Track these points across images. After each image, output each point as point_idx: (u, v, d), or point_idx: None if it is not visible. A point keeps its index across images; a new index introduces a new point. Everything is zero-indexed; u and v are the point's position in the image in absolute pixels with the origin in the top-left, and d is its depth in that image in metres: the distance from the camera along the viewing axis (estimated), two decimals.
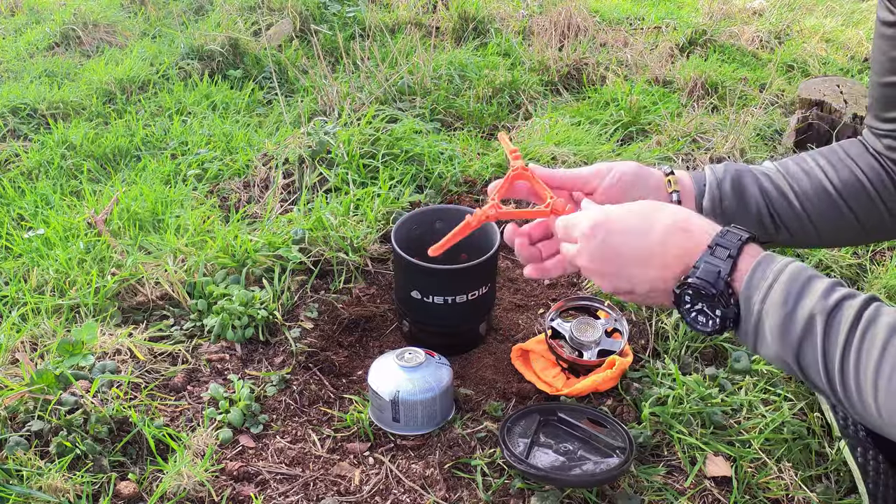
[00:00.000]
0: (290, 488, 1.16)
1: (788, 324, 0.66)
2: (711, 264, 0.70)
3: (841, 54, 3.30)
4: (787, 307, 0.66)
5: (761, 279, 0.68)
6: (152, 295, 1.51)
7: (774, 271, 0.68)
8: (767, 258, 0.70)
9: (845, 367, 0.64)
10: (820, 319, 0.65)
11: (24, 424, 1.16)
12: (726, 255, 0.69)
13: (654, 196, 0.93)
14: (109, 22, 3.33)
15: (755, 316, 0.68)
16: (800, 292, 0.67)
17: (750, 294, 0.69)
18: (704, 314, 0.72)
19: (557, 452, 1.16)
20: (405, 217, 1.44)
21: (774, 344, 0.68)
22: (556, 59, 2.82)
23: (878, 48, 0.92)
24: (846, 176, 0.96)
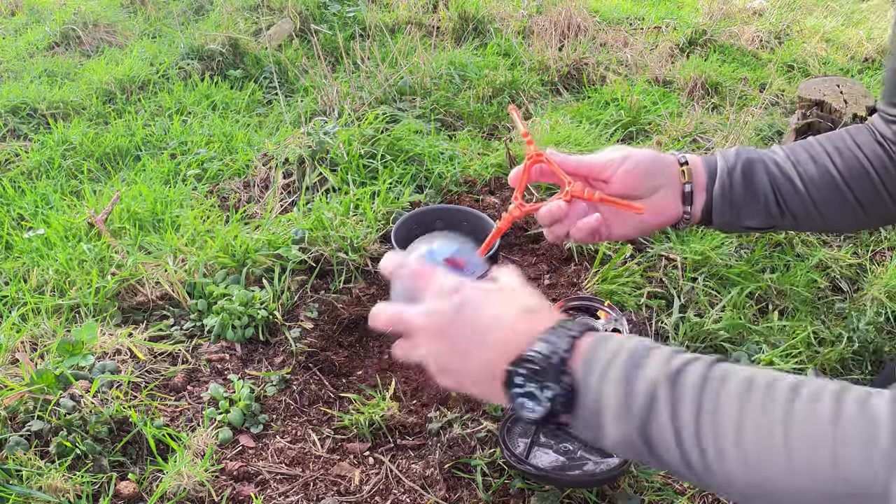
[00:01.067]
0: (290, 488, 1.16)
1: (630, 398, 0.61)
2: (550, 341, 0.65)
3: (841, 54, 3.30)
4: (627, 380, 0.61)
5: (600, 357, 0.64)
6: (152, 295, 1.51)
7: (613, 348, 0.64)
8: (606, 336, 0.66)
9: (701, 432, 0.58)
10: (663, 388, 0.60)
11: (24, 424, 1.16)
12: (567, 334, 0.65)
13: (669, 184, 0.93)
14: (109, 22, 3.33)
15: (594, 397, 0.63)
16: (638, 363, 0.62)
17: (588, 375, 0.63)
18: (534, 398, 0.66)
19: (557, 452, 1.16)
20: (405, 217, 1.44)
21: (617, 423, 0.62)
22: (556, 59, 2.82)
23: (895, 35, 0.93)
24: (852, 163, 0.97)
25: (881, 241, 1.92)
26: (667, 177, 0.93)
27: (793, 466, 0.54)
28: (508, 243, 1.79)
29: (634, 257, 1.71)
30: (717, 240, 1.77)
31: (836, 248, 1.88)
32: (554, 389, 0.64)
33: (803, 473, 0.54)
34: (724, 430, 0.57)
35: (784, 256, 1.80)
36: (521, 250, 1.78)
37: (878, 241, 1.92)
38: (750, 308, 1.59)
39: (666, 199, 0.94)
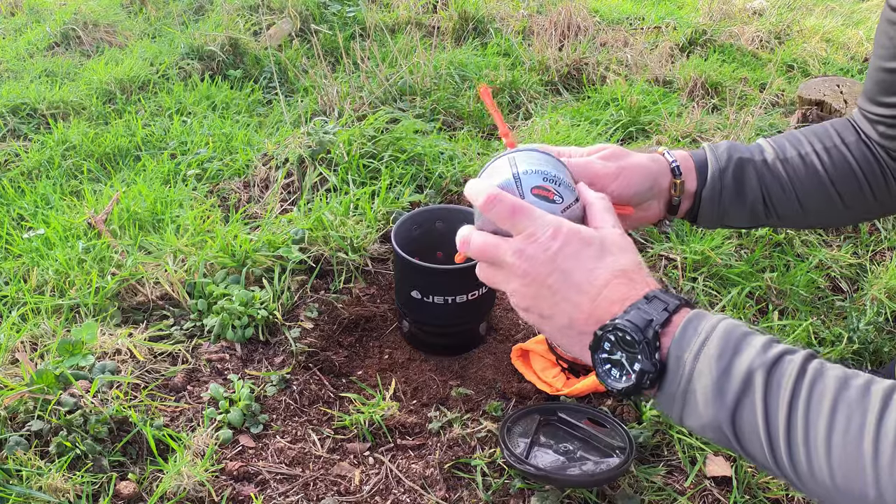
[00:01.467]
0: (290, 488, 1.16)
1: (724, 381, 0.59)
2: (644, 311, 0.62)
3: (841, 54, 3.30)
4: (722, 363, 0.59)
5: (693, 335, 0.61)
6: (152, 295, 1.51)
7: (707, 328, 0.62)
8: (699, 314, 0.64)
9: (792, 425, 0.56)
10: (760, 374, 0.58)
11: (24, 424, 1.16)
12: (662, 307, 0.63)
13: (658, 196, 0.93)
14: (109, 22, 3.33)
15: (686, 375, 0.61)
16: (736, 347, 0.60)
17: (681, 352, 0.61)
18: (620, 367, 0.64)
19: (557, 452, 1.16)
20: (405, 217, 1.44)
21: (707, 406, 0.60)
22: (556, 59, 2.82)
23: (883, 32, 0.92)
24: (838, 160, 0.97)
25: (881, 241, 1.92)
26: (658, 188, 0.92)
27: (880, 477, 0.53)
28: None
29: None
30: (717, 240, 1.77)
31: (836, 248, 1.88)
32: (644, 364, 0.62)
33: (887, 481, 0.52)
34: (815, 426, 0.56)
35: (784, 256, 1.80)
36: None
37: (878, 241, 1.92)
38: (750, 308, 1.59)
39: (651, 208, 0.94)
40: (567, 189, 0.74)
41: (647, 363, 0.62)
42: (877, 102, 0.95)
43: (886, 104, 0.93)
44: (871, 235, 1.94)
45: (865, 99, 0.98)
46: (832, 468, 0.55)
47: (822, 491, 0.56)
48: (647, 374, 0.62)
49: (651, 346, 0.62)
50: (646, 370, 0.62)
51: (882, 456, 0.53)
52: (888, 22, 0.91)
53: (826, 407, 0.56)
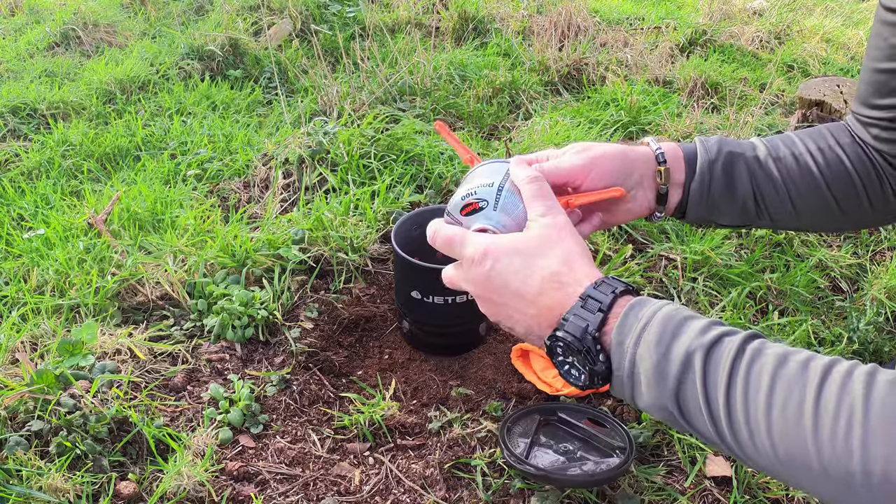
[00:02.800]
0: (290, 488, 1.16)
1: (664, 365, 0.61)
2: (580, 317, 0.65)
3: (841, 54, 3.30)
4: (661, 347, 0.61)
5: (634, 322, 0.63)
6: (152, 295, 1.51)
7: (647, 314, 0.64)
8: (640, 302, 0.65)
9: (731, 402, 0.58)
10: (699, 355, 0.60)
11: (24, 424, 1.16)
12: (597, 308, 0.65)
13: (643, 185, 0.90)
14: (109, 22, 3.33)
15: (629, 361, 0.63)
16: (675, 331, 0.62)
17: (622, 339, 0.64)
18: (576, 368, 0.68)
19: (557, 452, 1.16)
20: (405, 217, 1.44)
21: (651, 389, 0.62)
22: (556, 59, 2.82)
23: (877, 34, 0.91)
24: (833, 162, 0.95)
25: (881, 241, 1.92)
26: (640, 177, 0.90)
27: (822, 450, 0.53)
28: None
29: (634, 257, 1.71)
30: (716, 240, 1.77)
31: (836, 248, 1.88)
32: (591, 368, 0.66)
33: (829, 454, 0.53)
34: (754, 402, 0.57)
35: (784, 256, 1.80)
36: None
37: (878, 241, 1.93)
38: (750, 308, 1.59)
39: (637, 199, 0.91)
40: (497, 189, 0.78)
41: (594, 367, 0.66)
42: (870, 105, 0.94)
43: (880, 106, 0.92)
44: (870, 235, 1.94)
45: (858, 102, 0.96)
46: (774, 443, 0.56)
47: (767, 464, 0.58)
48: (596, 374, 0.66)
49: (593, 352, 0.65)
50: (595, 371, 0.66)
51: (822, 430, 0.53)
52: (882, 22, 0.90)
53: (765, 384, 0.57)
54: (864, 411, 0.52)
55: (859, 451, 0.52)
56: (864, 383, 0.54)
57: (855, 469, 0.52)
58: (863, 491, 0.52)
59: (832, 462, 0.53)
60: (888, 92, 0.90)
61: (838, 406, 0.53)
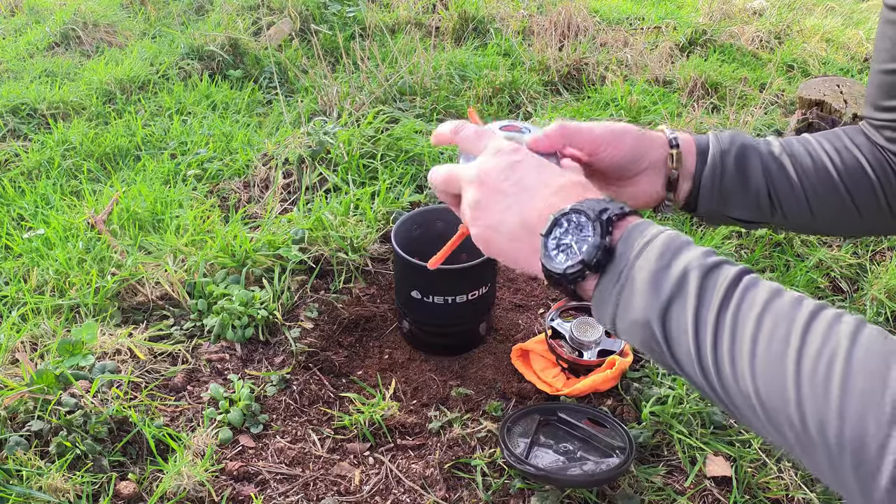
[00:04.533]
0: (290, 488, 1.16)
1: (661, 276, 0.61)
2: (602, 202, 0.66)
3: (841, 54, 3.30)
4: (662, 261, 0.61)
5: (638, 236, 0.64)
6: (152, 295, 1.51)
7: (653, 232, 0.64)
8: (647, 222, 0.66)
9: (720, 328, 0.57)
10: (695, 275, 0.60)
11: (24, 424, 1.16)
12: (618, 206, 0.66)
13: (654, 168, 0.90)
14: (109, 22, 3.33)
15: (627, 268, 0.63)
16: (677, 250, 0.62)
17: (625, 248, 0.64)
18: (568, 251, 0.66)
19: (557, 452, 1.16)
20: (405, 217, 1.44)
21: (641, 298, 0.62)
22: (556, 59, 2.82)
23: (883, 34, 0.91)
24: (850, 161, 0.93)
25: (881, 241, 1.92)
26: (652, 160, 0.90)
27: (801, 390, 0.53)
28: None
29: None
30: (716, 240, 1.77)
31: (837, 248, 1.88)
32: (594, 242, 0.64)
33: (808, 392, 0.52)
34: (742, 328, 0.57)
35: (784, 256, 1.80)
36: None
37: (877, 241, 1.92)
38: None
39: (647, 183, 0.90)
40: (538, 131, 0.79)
41: (597, 240, 0.64)
42: (879, 108, 0.93)
43: (889, 108, 0.92)
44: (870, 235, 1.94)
45: (868, 106, 0.96)
46: (755, 374, 0.55)
47: (743, 402, 0.57)
48: (595, 252, 0.64)
49: (604, 227, 0.64)
50: (595, 247, 0.64)
51: (804, 371, 0.53)
52: (887, 22, 0.90)
53: (755, 313, 0.57)
54: (846, 355, 0.52)
55: (837, 394, 0.51)
56: (853, 327, 0.54)
57: (830, 417, 0.51)
58: (834, 442, 0.51)
59: (808, 404, 0.52)
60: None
61: (823, 344, 0.53)
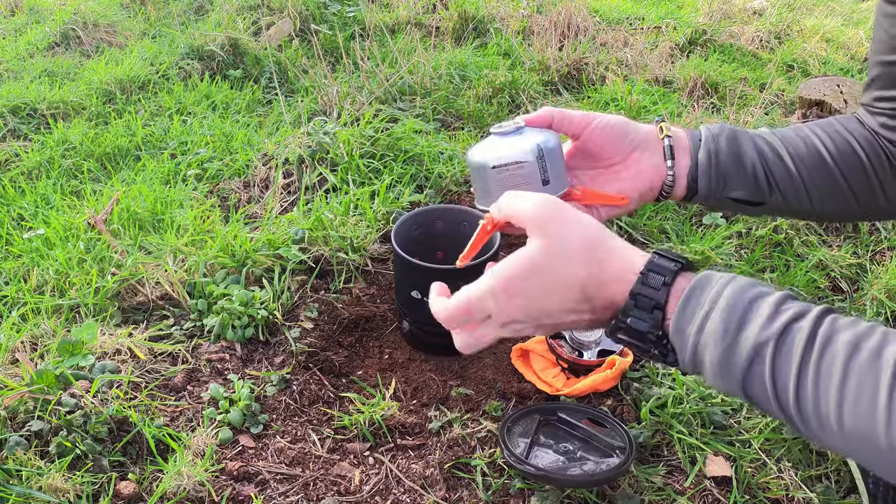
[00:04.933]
0: (290, 488, 1.16)
1: (730, 356, 0.59)
2: (638, 318, 0.63)
3: (841, 54, 3.30)
4: (727, 338, 0.59)
5: (696, 309, 0.61)
6: (152, 295, 1.51)
7: (710, 298, 0.61)
8: (700, 284, 0.62)
9: (801, 397, 0.57)
10: (768, 349, 0.58)
11: (24, 424, 1.16)
12: (651, 305, 0.62)
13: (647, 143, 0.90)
14: (109, 22, 3.33)
15: (691, 347, 0.62)
16: (740, 321, 0.59)
17: (682, 327, 0.62)
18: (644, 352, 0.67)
19: (557, 452, 1.16)
20: (405, 217, 1.44)
21: (716, 378, 0.61)
22: (556, 59, 2.82)
23: (879, 26, 0.92)
24: (843, 146, 0.95)
25: (881, 241, 1.92)
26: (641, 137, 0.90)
27: (892, 436, 0.53)
28: (508, 243, 1.79)
29: None
30: (717, 239, 1.77)
31: (837, 248, 1.88)
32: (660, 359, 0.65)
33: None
34: (825, 396, 0.56)
35: (784, 256, 1.80)
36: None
37: (877, 241, 1.92)
38: None
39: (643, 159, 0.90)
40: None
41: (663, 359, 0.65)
42: (878, 97, 0.95)
43: (886, 98, 0.93)
44: (870, 235, 1.94)
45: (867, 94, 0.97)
46: (844, 435, 0.56)
47: (832, 446, 0.58)
48: (663, 362, 0.65)
49: (659, 346, 0.64)
50: (661, 361, 0.66)
51: (894, 425, 0.53)
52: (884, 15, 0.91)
53: (836, 378, 0.56)
54: None
55: None
56: None
57: None
58: None
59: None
60: (893, 83, 0.91)
61: None
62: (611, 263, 0.65)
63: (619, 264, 0.65)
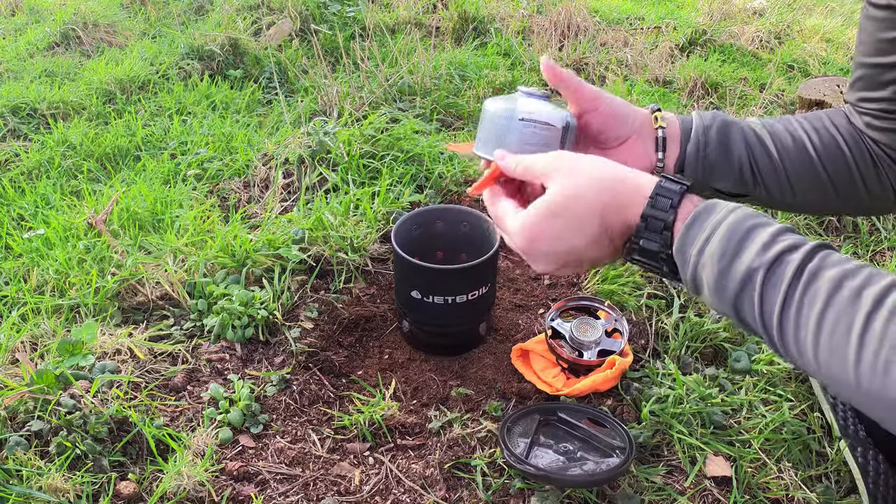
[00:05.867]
0: (290, 488, 1.16)
1: (724, 278, 0.65)
2: (649, 240, 0.70)
3: (841, 54, 3.30)
4: (723, 261, 0.65)
5: (698, 232, 0.67)
6: (152, 295, 1.51)
7: (713, 223, 0.67)
8: (706, 209, 0.68)
9: (784, 325, 0.62)
10: (759, 275, 0.63)
11: (24, 424, 1.16)
12: (661, 226, 0.69)
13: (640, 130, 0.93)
14: (109, 22, 3.33)
15: (691, 267, 0.67)
16: (737, 247, 0.65)
17: (684, 249, 0.68)
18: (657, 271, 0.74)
19: (557, 452, 1.16)
20: (405, 217, 1.44)
21: (711, 296, 0.67)
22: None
23: (864, 29, 0.93)
24: (828, 141, 0.97)
25: (881, 241, 1.92)
26: (639, 124, 0.93)
27: (860, 381, 0.56)
28: None
29: None
30: None
31: (837, 248, 1.88)
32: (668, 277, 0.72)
33: (867, 384, 0.56)
34: (803, 327, 0.60)
35: None
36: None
37: (878, 241, 1.92)
38: None
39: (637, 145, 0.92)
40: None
41: (671, 277, 0.71)
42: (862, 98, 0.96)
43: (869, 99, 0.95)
44: (870, 235, 1.94)
45: (852, 93, 0.99)
46: (819, 364, 0.60)
47: (812, 374, 0.63)
48: (667, 276, 0.72)
49: (670, 264, 0.70)
50: (667, 275, 0.72)
51: (864, 362, 0.56)
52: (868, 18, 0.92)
53: (816, 309, 0.60)
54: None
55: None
56: None
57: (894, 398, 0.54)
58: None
59: (871, 391, 0.56)
60: (876, 85, 0.92)
61: (881, 340, 0.56)
62: (622, 189, 0.72)
63: (630, 189, 0.72)
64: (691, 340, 1.45)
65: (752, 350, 1.44)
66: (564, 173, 0.74)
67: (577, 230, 0.73)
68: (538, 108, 0.86)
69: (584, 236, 0.73)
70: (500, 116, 0.87)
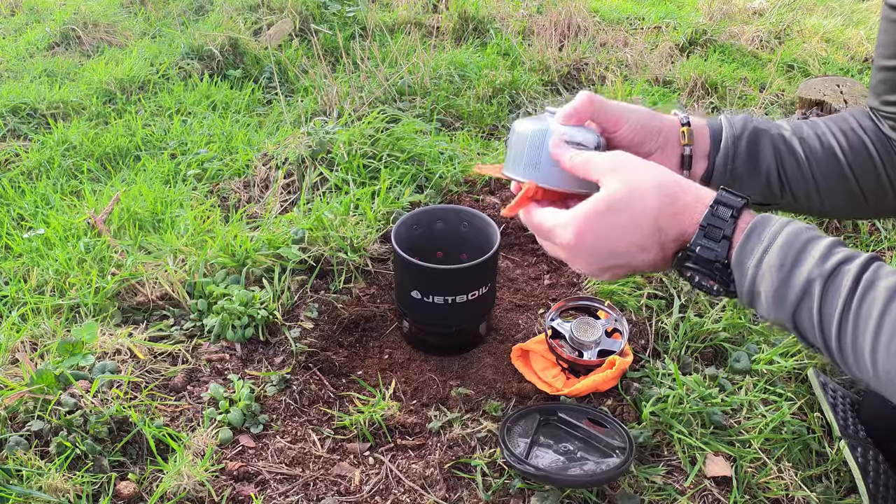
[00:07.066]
0: (290, 488, 1.16)
1: (784, 290, 0.66)
2: (706, 248, 0.70)
3: (841, 54, 3.30)
4: (782, 272, 0.66)
5: (756, 244, 0.68)
6: (152, 295, 1.51)
7: (770, 235, 0.68)
8: (762, 221, 0.69)
9: (842, 333, 0.63)
10: (818, 285, 0.64)
11: (24, 424, 1.16)
12: (720, 235, 0.69)
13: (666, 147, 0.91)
14: (109, 22, 3.33)
15: (749, 280, 0.68)
16: (796, 257, 0.66)
17: (743, 259, 0.68)
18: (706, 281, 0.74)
19: (557, 452, 1.16)
20: (405, 217, 1.44)
21: (770, 308, 0.68)
22: (556, 59, 2.82)
23: (884, 31, 0.93)
24: (856, 144, 0.96)
25: (881, 241, 1.92)
26: (664, 138, 0.91)
27: None
28: (508, 243, 1.79)
29: None
30: None
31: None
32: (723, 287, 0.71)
33: None
34: (861, 335, 0.62)
35: None
36: (521, 250, 1.78)
37: (878, 241, 1.92)
38: None
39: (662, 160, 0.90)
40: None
41: (725, 287, 0.71)
42: (884, 101, 0.95)
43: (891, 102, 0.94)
44: (871, 235, 1.94)
45: (873, 97, 0.97)
46: (878, 373, 0.62)
47: (868, 382, 0.64)
48: (723, 289, 0.72)
49: (724, 275, 0.70)
50: (721, 291, 0.72)
51: None
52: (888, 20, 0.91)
53: (873, 320, 0.62)
54: None
55: None
56: None
57: None
58: None
59: None
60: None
61: None
62: (682, 196, 0.72)
63: (690, 197, 0.72)
64: (691, 340, 1.45)
65: (752, 350, 1.44)
66: (626, 171, 0.74)
67: (630, 229, 0.72)
68: (570, 130, 0.85)
69: (636, 237, 0.72)
70: (531, 138, 0.86)
